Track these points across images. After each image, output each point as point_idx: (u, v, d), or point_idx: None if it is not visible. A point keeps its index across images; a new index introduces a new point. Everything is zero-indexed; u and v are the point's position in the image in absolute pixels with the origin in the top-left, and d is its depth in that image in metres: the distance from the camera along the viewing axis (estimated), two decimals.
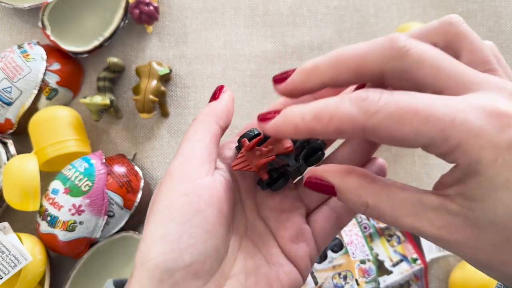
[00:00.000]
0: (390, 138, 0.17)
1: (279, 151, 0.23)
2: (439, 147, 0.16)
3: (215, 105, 0.25)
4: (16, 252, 0.40)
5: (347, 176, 0.20)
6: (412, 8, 0.54)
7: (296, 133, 0.19)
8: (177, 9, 0.55)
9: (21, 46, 0.50)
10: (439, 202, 0.17)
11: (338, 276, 0.43)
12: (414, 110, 0.16)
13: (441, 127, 0.16)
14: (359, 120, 0.17)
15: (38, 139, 0.47)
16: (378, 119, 0.17)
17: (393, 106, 0.16)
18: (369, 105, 0.17)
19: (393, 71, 0.18)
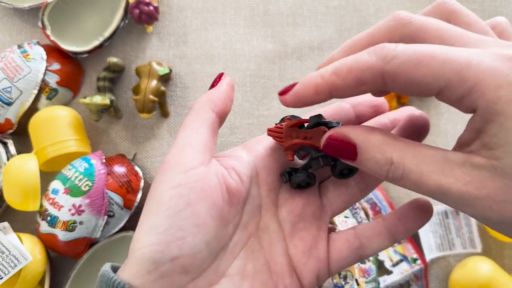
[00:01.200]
0: (408, 82, 0.17)
1: (315, 144, 0.22)
2: (456, 89, 0.16)
3: (212, 93, 0.24)
4: (16, 252, 0.40)
5: (371, 133, 0.19)
6: (412, 8, 0.54)
7: (317, 93, 0.19)
8: (177, 9, 0.55)
9: (21, 46, 0.50)
10: (465, 157, 0.17)
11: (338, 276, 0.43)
12: (431, 54, 0.16)
13: (458, 69, 0.16)
14: (378, 65, 0.17)
15: (38, 139, 0.47)
16: (396, 63, 0.17)
17: (410, 51, 0.17)
18: (387, 52, 0.17)
19: (401, 39, 0.19)
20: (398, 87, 0.17)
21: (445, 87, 0.16)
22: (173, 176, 0.21)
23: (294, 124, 0.23)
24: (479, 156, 0.16)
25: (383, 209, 0.47)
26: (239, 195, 0.23)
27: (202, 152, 0.22)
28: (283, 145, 0.23)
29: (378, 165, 0.18)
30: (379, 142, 0.18)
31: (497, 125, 0.16)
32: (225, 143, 0.51)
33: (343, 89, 0.18)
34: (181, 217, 0.20)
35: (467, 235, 0.46)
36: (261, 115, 0.52)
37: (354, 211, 0.47)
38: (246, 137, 0.52)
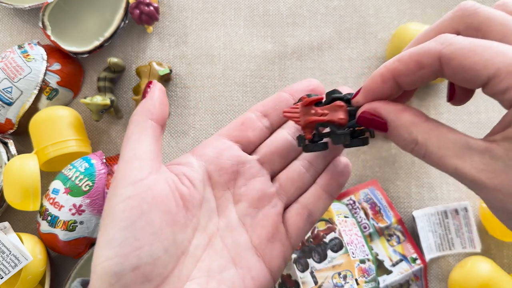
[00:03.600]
0: (461, 67, 0.18)
1: (333, 118, 0.23)
2: (502, 79, 0.17)
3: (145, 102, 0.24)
4: (16, 251, 0.40)
5: (402, 113, 0.20)
6: (412, 9, 0.54)
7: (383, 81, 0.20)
8: (177, 9, 0.55)
9: (22, 46, 0.50)
10: (485, 146, 0.18)
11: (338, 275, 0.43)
12: (486, 45, 0.17)
13: (508, 61, 0.17)
14: (436, 49, 0.18)
15: (38, 139, 0.47)
16: (452, 48, 0.18)
17: (467, 40, 0.18)
18: (446, 38, 0.18)
19: (466, 29, 0.19)
20: (452, 72, 0.18)
21: (493, 76, 0.17)
22: (123, 189, 0.21)
23: (310, 102, 0.23)
24: (499, 147, 0.17)
25: (382, 209, 0.47)
26: (193, 200, 0.23)
27: (148, 162, 0.22)
28: (300, 124, 0.24)
29: (405, 142, 0.20)
30: (407, 122, 0.20)
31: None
32: None
33: (405, 74, 0.19)
34: (136, 227, 0.20)
35: (467, 235, 0.46)
36: None
37: (353, 211, 0.47)
38: None
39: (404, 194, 0.49)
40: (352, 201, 0.48)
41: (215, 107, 0.53)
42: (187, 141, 0.52)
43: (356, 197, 0.48)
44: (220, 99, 0.53)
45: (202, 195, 0.24)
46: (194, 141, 0.52)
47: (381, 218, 0.47)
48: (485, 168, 0.17)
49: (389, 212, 0.47)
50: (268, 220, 0.24)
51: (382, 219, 0.47)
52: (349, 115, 0.23)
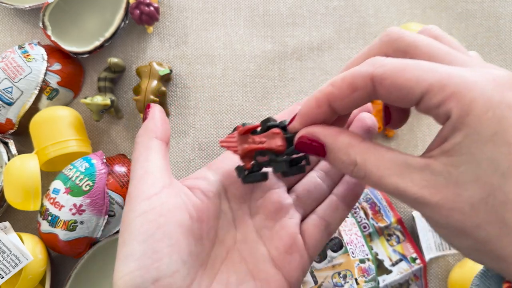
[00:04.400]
0: (393, 86, 0.18)
1: (271, 146, 0.23)
2: (435, 94, 0.17)
3: (147, 124, 0.25)
4: (17, 251, 0.41)
5: (338, 135, 0.20)
6: (412, 9, 0.54)
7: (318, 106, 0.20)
8: (177, 9, 0.55)
9: (22, 46, 0.50)
10: (424, 162, 0.18)
11: (338, 275, 0.43)
12: (416, 64, 0.18)
13: (439, 76, 0.17)
14: (368, 71, 0.18)
15: (39, 139, 0.47)
16: (384, 69, 0.18)
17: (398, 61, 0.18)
18: (376, 60, 0.19)
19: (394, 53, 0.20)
20: (385, 92, 0.18)
21: (426, 91, 0.17)
22: (139, 204, 0.22)
23: (246, 130, 0.23)
24: (438, 162, 0.17)
25: (382, 209, 0.47)
26: (208, 212, 0.24)
27: (160, 177, 0.23)
28: (238, 153, 0.24)
29: (344, 164, 0.20)
30: (344, 145, 0.20)
31: (463, 135, 0.17)
32: None
33: (339, 97, 0.20)
34: (154, 240, 0.21)
35: None
36: (261, 115, 0.52)
37: (353, 211, 0.47)
38: None
39: None
40: None
41: (215, 107, 0.53)
42: (187, 141, 0.52)
43: None
44: (220, 99, 0.53)
45: (218, 207, 0.25)
46: (194, 141, 0.52)
47: (381, 218, 0.47)
48: (427, 184, 0.17)
49: (388, 212, 0.47)
50: (285, 232, 0.24)
51: (382, 219, 0.47)
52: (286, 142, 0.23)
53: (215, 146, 0.52)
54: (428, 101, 0.17)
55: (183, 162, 0.51)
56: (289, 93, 0.53)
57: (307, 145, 0.21)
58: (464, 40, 0.53)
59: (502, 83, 0.17)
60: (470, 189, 0.16)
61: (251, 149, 0.23)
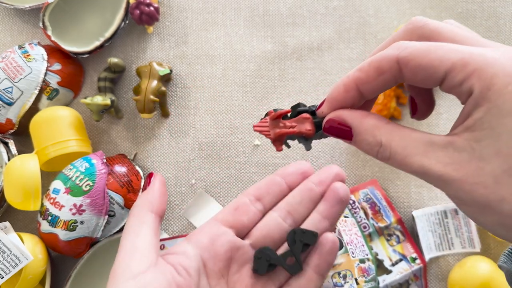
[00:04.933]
0: (418, 66, 0.18)
1: (301, 130, 0.24)
2: (458, 73, 0.17)
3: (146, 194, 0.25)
4: (17, 251, 0.41)
5: (365, 118, 0.21)
6: (411, 9, 0.54)
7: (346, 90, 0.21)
8: (177, 9, 0.55)
9: (22, 46, 0.50)
10: (447, 140, 0.18)
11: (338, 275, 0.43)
12: (439, 45, 0.18)
13: (461, 55, 0.18)
14: (394, 54, 0.19)
15: (39, 139, 0.47)
16: (408, 51, 0.19)
17: (421, 43, 0.19)
18: (401, 44, 0.19)
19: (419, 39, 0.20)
20: (411, 73, 0.19)
21: (450, 70, 0.18)
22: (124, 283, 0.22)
23: (277, 116, 0.25)
24: (461, 138, 0.18)
25: (382, 208, 0.47)
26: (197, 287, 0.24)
27: (148, 254, 0.23)
28: (270, 137, 0.25)
29: (369, 146, 0.20)
30: (371, 126, 0.20)
31: (484, 109, 0.17)
32: (225, 143, 0.52)
33: (367, 81, 0.20)
34: None
35: (466, 234, 0.46)
36: (261, 115, 0.52)
37: (353, 211, 0.47)
38: (246, 137, 0.52)
39: (404, 194, 0.49)
40: (351, 201, 0.48)
41: (215, 107, 0.53)
42: (187, 141, 0.52)
43: (356, 197, 0.48)
44: (220, 99, 0.53)
45: (198, 284, 0.25)
46: (194, 141, 0.52)
47: (380, 218, 0.47)
48: (450, 161, 0.18)
49: (388, 212, 0.47)
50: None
51: (382, 219, 0.47)
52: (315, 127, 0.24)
53: (215, 146, 0.52)
54: (452, 79, 0.18)
55: (183, 162, 0.51)
56: (289, 93, 0.53)
57: (334, 128, 0.22)
58: None
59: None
60: (493, 162, 0.17)
61: (283, 133, 0.24)
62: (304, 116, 0.24)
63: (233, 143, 0.52)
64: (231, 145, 0.52)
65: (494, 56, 0.17)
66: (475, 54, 0.17)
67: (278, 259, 0.25)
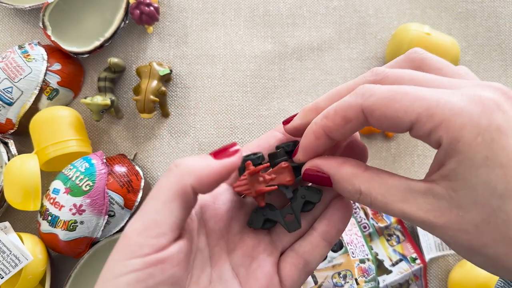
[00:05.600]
0: (383, 116, 0.18)
1: (281, 181, 0.24)
2: (424, 124, 0.17)
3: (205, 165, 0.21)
4: (17, 251, 0.41)
5: (342, 166, 0.21)
6: (412, 9, 0.54)
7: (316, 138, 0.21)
8: (177, 9, 0.55)
9: (22, 46, 0.50)
10: (426, 187, 0.18)
11: (338, 275, 0.43)
12: (404, 92, 0.18)
13: (427, 105, 0.17)
14: (358, 103, 0.19)
15: (39, 139, 0.47)
16: (373, 99, 0.19)
17: (386, 89, 0.18)
18: (365, 91, 0.19)
19: None
20: (377, 122, 0.19)
21: (416, 121, 0.18)
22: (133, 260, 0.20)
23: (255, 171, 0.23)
24: (439, 186, 0.18)
25: None
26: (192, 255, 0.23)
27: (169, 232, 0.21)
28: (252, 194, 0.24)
29: (349, 194, 0.21)
30: (348, 175, 0.21)
31: (456, 161, 0.17)
32: (225, 143, 0.52)
33: (335, 129, 0.20)
34: None
35: None
36: (261, 115, 0.52)
37: (353, 211, 0.47)
38: (246, 137, 0.52)
39: None
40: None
41: (215, 107, 0.53)
42: (187, 141, 0.52)
43: None
44: (220, 99, 0.53)
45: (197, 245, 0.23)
46: (194, 141, 0.52)
47: (381, 218, 0.47)
48: (431, 208, 0.18)
49: None
50: (262, 272, 0.24)
51: (382, 219, 0.47)
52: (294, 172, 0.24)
53: (215, 146, 0.52)
54: (418, 130, 0.18)
55: None
56: (289, 93, 0.53)
57: (313, 177, 0.22)
58: (464, 40, 0.53)
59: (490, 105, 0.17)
60: (472, 211, 0.17)
61: (263, 192, 0.24)
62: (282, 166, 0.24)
63: None
64: None
65: (461, 104, 0.17)
66: (441, 103, 0.17)
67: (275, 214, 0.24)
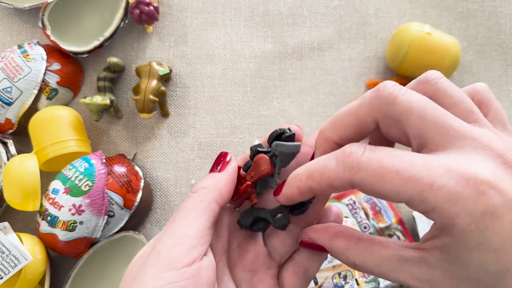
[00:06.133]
0: (374, 193, 0.18)
1: (258, 175, 0.24)
2: (417, 206, 0.17)
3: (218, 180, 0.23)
4: (16, 252, 0.40)
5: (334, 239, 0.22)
6: (412, 9, 0.54)
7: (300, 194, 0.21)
8: (177, 9, 0.55)
9: (22, 46, 0.50)
10: (419, 256, 0.19)
11: (338, 275, 0.43)
12: (395, 170, 0.17)
13: (419, 189, 0.17)
14: (345, 176, 0.19)
15: (38, 139, 0.47)
16: (362, 176, 0.18)
17: (375, 164, 0.18)
18: (353, 162, 0.18)
19: (385, 119, 0.19)
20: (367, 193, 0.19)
21: (408, 202, 0.18)
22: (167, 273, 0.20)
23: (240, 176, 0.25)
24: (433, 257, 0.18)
25: (382, 208, 0.47)
26: None
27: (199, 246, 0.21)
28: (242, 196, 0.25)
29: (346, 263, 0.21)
30: (341, 249, 0.21)
31: (450, 240, 0.17)
32: (225, 143, 0.52)
33: (320, 191, 0.20)
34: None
35: None
36: (261, 115, 0.52)
37: (354, 211, 0.47)
38: (246, 137, 0.52)
39: None
40: (352, 201, 0.48)
41: (215, 107, 0.53)
42: (187, 141, 0.52)
43: (356, 197, 0.48)
44: (220, 99, 0.53)
45: None
46: (194, 141, 0.52)
47: (381, 218, 0.47)
48: (425, 277, 0.18)
49: (389, 212, 0.47)
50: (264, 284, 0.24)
51: (383, 219, 0.47)
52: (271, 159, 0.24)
53: (215, 146, 0.52)
54: (411, 207, 0.18)
55: (183, 162, 0.51)
56: (289, 93, 0.53)
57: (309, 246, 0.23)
58: (465, 39, 0.53)
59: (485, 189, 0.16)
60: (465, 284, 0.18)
61: (245, 187, 0.24)
62: (256, 158, 0.24)
63: (233, 143, 0.52)
64: (231, 145, 0.52)
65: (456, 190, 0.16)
66: (435, 188, 0.17)
67: (264, 212, 0.25)
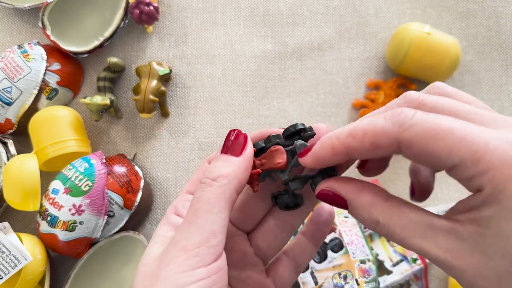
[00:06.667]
0: (423, 153, 0.17)
1: (271, 165, 0.22)
2: (468, 168, 0.16)
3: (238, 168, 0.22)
4: (16, 252, 0.40)
5: (360, 193, 0.20)
6: (412, 9, 0.54)
7: (334, 153, 0.19)
8: (177, 9, 0.55)
9: (22, 46, 0.50)
10: (450, 226, 0.17)
11: (338, 276, 0.43)
12: (450, 129, 0.16)
13: (474, 149, 0.16)
14: (394, 132, 0.17)
15: (38, 139, 0.47)
16: (413, 132, 0.17)
17: (429, 122, 0.17)
18: (404, 119, 0.17)
19: None
20: (412, 156, 0.18)
21: (459, 164, 0.16)
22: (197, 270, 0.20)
23: None
24: (465, 229, 0.17)
25: None
26: None
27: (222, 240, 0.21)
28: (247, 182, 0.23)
29: (366, 222, 0.19)
30: (366, 203, 0.19)
31: (493, 210, 0.16)
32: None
33: (359, 151, 0.19)
34: None
35: None
36: (261, 115, 0.52)
37: None
38: None
39: (405, 194, 0.49)
40: None
41: (215, 107, 0.53)
42: (187, 141, 0.52)
43: None
44: (220, 99, 0.53)
45: None
46: (194, 141, 0.52)
47: None
48: (451, 248, 0.17)
49: None
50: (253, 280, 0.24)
51: None
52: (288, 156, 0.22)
53: (215, 146, 0.52)
54: (460, 173, 0.17)
55: (183, 162, 0.51)
56: (289, 93, 0.53)
57: (328, 198, 0.21)
58: (465, 39, 0.53)
59: None
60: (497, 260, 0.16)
61: (252, 174, 0.22)
62: (272, 149, 0.22)
63: None
64: None
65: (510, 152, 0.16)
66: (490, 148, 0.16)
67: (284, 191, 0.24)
